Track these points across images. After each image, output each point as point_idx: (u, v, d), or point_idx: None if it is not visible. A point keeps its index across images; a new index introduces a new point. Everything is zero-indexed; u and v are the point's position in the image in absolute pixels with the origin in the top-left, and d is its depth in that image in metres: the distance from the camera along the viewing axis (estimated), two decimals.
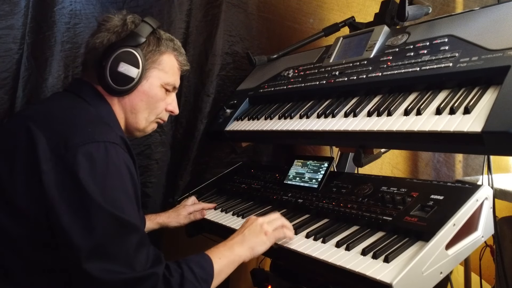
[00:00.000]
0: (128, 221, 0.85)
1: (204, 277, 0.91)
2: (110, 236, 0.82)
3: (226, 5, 1.78)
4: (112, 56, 1.00)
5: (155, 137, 1.64)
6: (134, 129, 1.11)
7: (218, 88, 1.78)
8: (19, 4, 1.30)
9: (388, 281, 0.79)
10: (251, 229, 1.04)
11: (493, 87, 0.95)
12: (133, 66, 1.02)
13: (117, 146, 0.90)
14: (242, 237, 1.03)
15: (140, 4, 1.57)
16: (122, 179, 0.88)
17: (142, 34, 1.04)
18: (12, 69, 1.31)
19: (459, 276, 1.64)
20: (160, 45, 1.09)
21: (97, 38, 1.03)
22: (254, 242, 1.02)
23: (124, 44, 1.02)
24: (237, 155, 1.79)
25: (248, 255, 1.01)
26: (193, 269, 0.90)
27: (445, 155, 2.17)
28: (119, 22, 1.05)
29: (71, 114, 0.95)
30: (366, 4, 2.12)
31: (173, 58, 1.13)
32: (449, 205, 0.94)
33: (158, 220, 1.38)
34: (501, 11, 1.07)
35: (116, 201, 0.85)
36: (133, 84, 1.04)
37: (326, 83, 1.35)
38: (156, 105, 1.11)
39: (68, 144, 0.84)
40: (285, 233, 1.05)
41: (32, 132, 0.86)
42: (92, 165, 0.83)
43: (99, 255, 0.81)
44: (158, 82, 1.10)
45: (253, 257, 1.02)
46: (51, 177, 0.82)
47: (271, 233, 1.04)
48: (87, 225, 0.81)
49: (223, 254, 0.98)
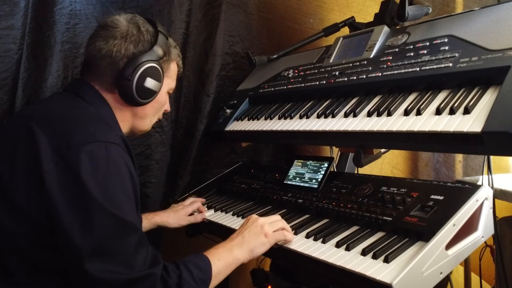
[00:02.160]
0: (128, 221, 0.85)
1: (203, 278, 0.91)
2: (110, 236, 0.83)
3: (226, 5, 1.78)
4: (139, 71, 1.01)
5: (155, 137, 1.64)
6: (138, 131, 1.15)
7: (218, 88, 1.78)
8: (18, 5, 1.30)
9: (388, 281, 0.79)
10: (251, 230, 1.04)
11: (493, 87, 0.95)
12: (157, 81, 1.07)
13: (118, 146, 0.90)
14: (241, 239, 1.02)
15: (140, 4, 1.57)
16: (122, 179, 0.88)
17: (162, 47, 1.07)
18: (12, 69, 1.31)
19: (459, 276, 1.64)
20: (170, 54, 1.13)
21: (113, 46, 1.01)
22: (253, 244, 1.02)
23: (149, 59, 1.03)
24: (237, 155, 1.79)
25: (247, 257, 1.01)
26: (191, 270, 0.90)
27: (445, 155, 2.17)
28: (134, 30, 1.03)
29: (72, 114, 0.96)
30: (366, 4, 2.12)
31: (176, 65, 1.18)
32: (449, 205, 0.94)
33: (156, 220, 1.35)
34: (501, 11, 1.07)
35: (116, 201, 0.85)
36: (154, 97, 1.08)
37: (326, 83, 1.35)
38: (161, 109, 1.18)
39: (69, 143, 0.84)
40: (286, 236, 1.05)
41: (33, 132, 0.86)
42: (94, 165, 0.84)
43: (99, 255, 0.81)
44: (166, 89, 1.16)
45: (252, 259, 1.03)
46: (53, 177, 0.82)
47: (272, 235, 1.04)
48: (88, 224, 0.81)
49: (222, 256, 0.98)
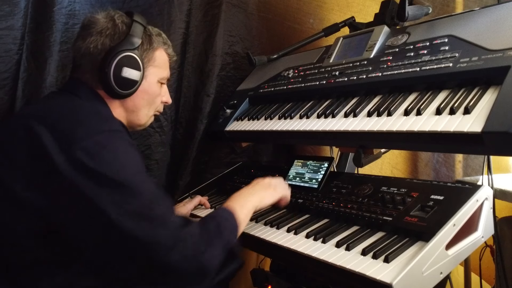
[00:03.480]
0: (154, 192, 0.88)
1: (235, 226, 1.00)
2: (144, 206, 0.84)
3: (226, 5, 1.78)
4: (114, 62, 1.02)
5: (155, 137, 1.64)
6: (136, 125, 1.15)
7: (218, 88, 1.78)
8: (19, 5, 1.30)
9: (388, 281, 0.79)
10: (260, 184, 1.17)
11: (493, 87, 0.94)
12: (135, 69, 1.06)
13: (121, 132, 0.94)
14: (252, 189, 1.15)
15: (140, 4, 1.57)
16: (134, 159, 0.91)
17: (137, 35, 1.06)
18: (12, 69, 1.31)
19: (459, 276, 1.64)
20: (152, 42, 1.12)
21: (90, 43, 1.03)
22: (263, 194, 1.14)
23: (123, 48, 1.03)
24: (237, 155, 1.79)
25: (258, 204, 1.12)
26: (227, 219, 0.99)
27: (445, 155, 2.17)
28: (109, 24, 1.05)
29: (72, 109, 0.97)
30: (366, 4, 2.12)
31: (164, 52, 1.17)
32: (449, 206, 0.94)
33: None
34: (501, 11, 1.07)
35: (136, 178, 0.87)
36: (136, 86, 1.08)
37: (326, 83, 1.35)
38: (155, 100, 1.17)
39: (75, 136, 0.85)
40: (288, 193, 1.22)
41: (35, 130, 0.86)
42: (103, 152, 0.85)
43: (141, 220, 0.82)
44: (155, 78, 1.14)
45: (261, 207, 1.14)
46: (68, 167, 0.82)
47: (279, 189, 1.19)
48: (120, 200, 0.82)
49: (241, 205, 1.07)
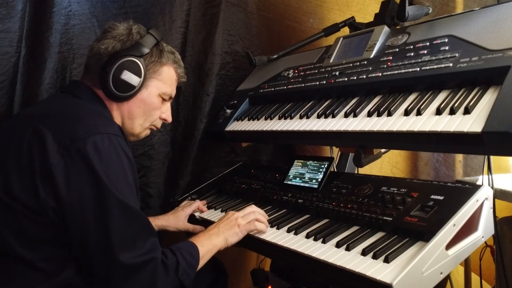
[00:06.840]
0: (133, 207, 0.91)
1: (193, 263, 1.01)
2: (119, 222, 0.88)
3: (226, 4, 1.78)
4: (116, 63, 1.06)
5: (157, 137, 1.64)
6: (129, 134, 1.16)
7: (218, 87, 1.78)
8: (15, 8, 1.30)
9: (388, 281, 0.79)
10: (226, 222, 1.16)
11: (493, 87, 0.94)
12: (135, 75, 1.08)
13: (119, 137, 0.95)
14: (217, 229, 1.14)
15: (141, 3, 1.57)
16: (123, 168, 0.93)
17: (146, 45, 1.10)
18: (9, 72, 1.32)
19: (459, 276, 1.64)
20: (162, 57, 1.15)
21: (102, 44, 1.08)
22: (228, 234, 1.13)
23: (129, 53, 1.07)
24: (237, 155, 1.79)
25: (223, 245, 1.12)
26: (185, 256, 1.00)
27: (445, 155, 2.16)
28: (125, 31, 1.10)
29: (72, 110, 1.00)
30: (366, 4, 2.11)
31: (172, 70, 1.19)
32: (449, 205, 0.94)
33: (157, 223, 1.39)
34: (501, 11, 1.07)
35: (122, 189, 0.90)
36: (133, 91, 1.09)
37: (326, 83, 1.35)
38: (152, 112, 1.17)
39: (73, 136, 0.88)
40: (256, 226, 1.15)
41: (37, 130, 0.89)
42: (99, 155, 0.88)
43: (106, 242, 0.86)
44: (156, 91, 1.15)
45: (227, 247, 1.14)
46: (60, 168, 0.86)
47: (243, 226, 1.15)
48: (100, 210, 0.86)
49: (204, 243, 1.08)
